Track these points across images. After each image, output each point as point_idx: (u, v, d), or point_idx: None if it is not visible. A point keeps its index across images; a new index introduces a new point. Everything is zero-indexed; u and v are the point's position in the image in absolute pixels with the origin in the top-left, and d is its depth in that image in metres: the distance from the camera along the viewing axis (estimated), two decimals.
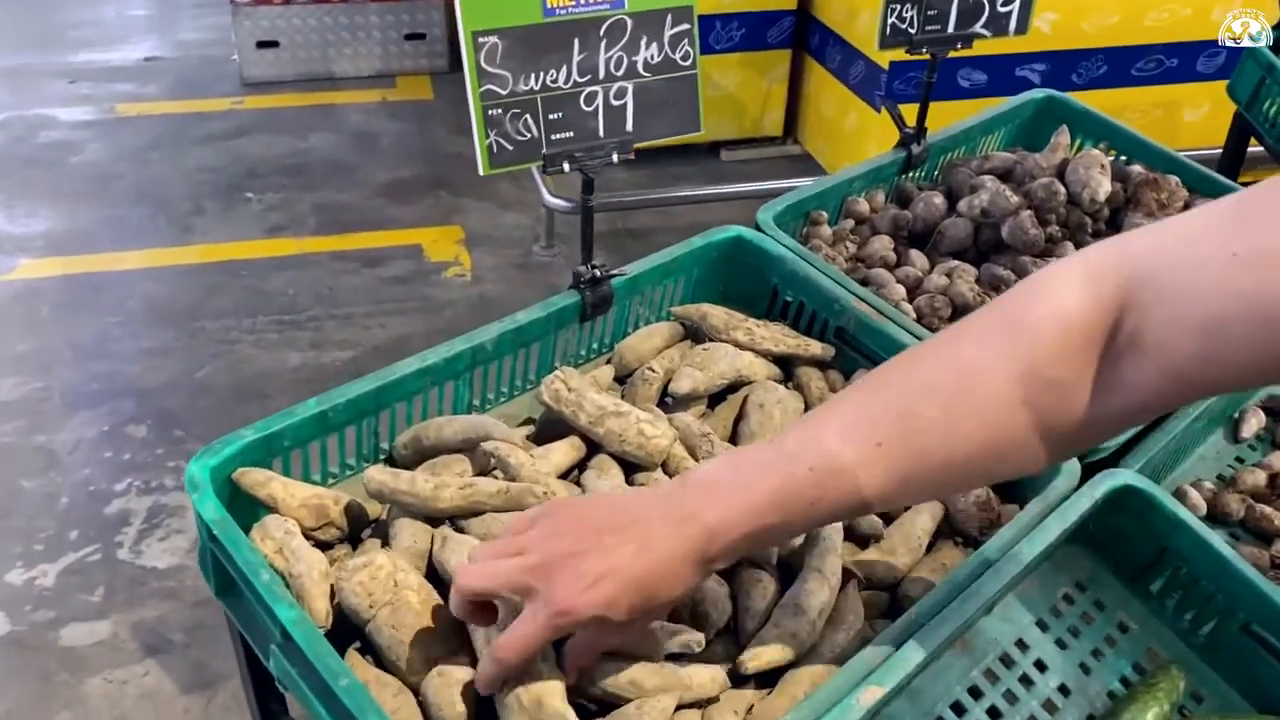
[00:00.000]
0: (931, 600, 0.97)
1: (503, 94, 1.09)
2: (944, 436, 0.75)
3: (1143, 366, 0.69)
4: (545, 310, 1.21)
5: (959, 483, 0.86)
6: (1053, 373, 0.72)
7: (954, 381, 0.75)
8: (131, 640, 2.12)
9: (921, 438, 0.75)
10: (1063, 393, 0.72)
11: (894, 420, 0.76)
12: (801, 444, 0.78)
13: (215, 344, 2.91)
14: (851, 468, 0.76)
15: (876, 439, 0.76)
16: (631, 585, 0.77)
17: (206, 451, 0.98)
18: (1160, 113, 3.64)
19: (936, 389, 0.76)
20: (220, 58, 4.50)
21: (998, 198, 1.46)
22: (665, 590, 0.79)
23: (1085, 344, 0.71)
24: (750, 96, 3.86)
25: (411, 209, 3.57)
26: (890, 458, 0.76)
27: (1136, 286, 0.69)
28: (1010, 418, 0.73)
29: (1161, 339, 0.68)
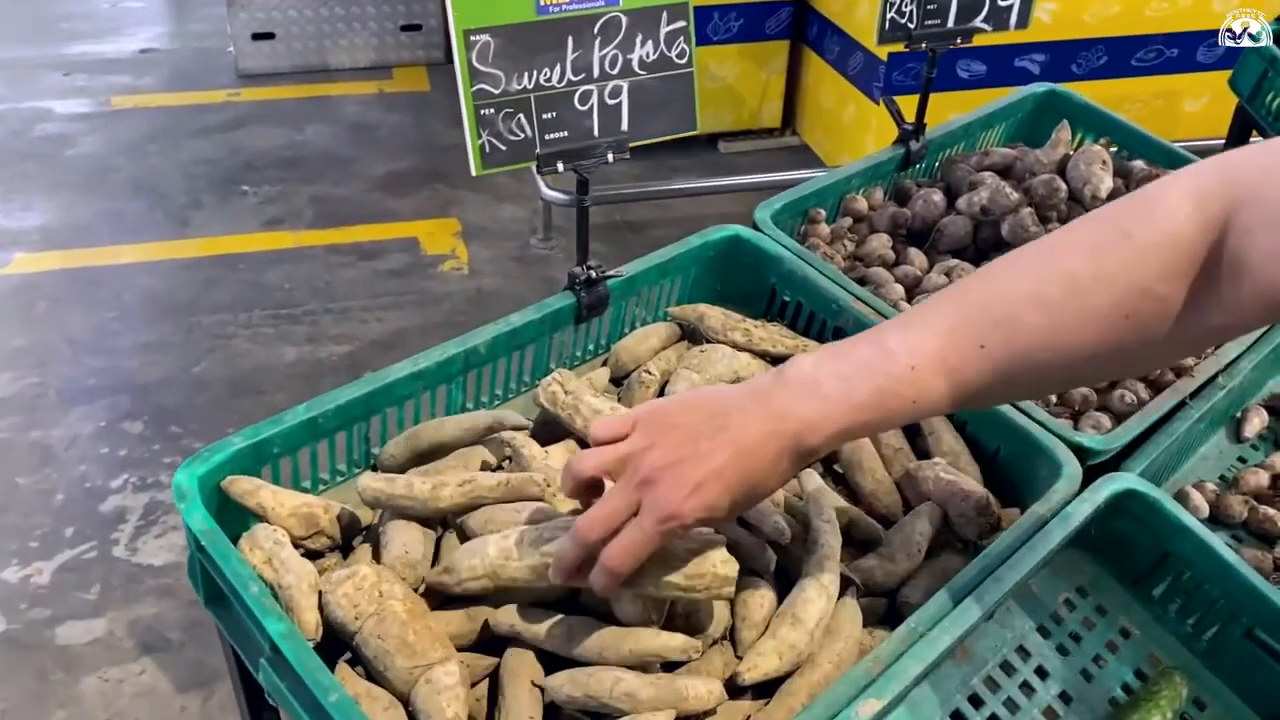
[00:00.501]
0: (931, 609, 0.95)
1: (495, 93, 1.07)
2: (1048, 342, 0.77)
3: (1242, 289, 0.71)
4: (540, 312, 1.19)
5: (1059, 384, 0.95)
6: (1161, 289, 0.74)
7: (1061, 291, 0.76)
8: (128, 638, 2.11)
9: (1026, 342, 0.77)
10: (1167, 308, 0.74)
11: (998, 324, 0.78)
12: (903, 343, 0.80)
13: (211, 338, 2.89)
14: (955, 368, 0.79)
15: (980, 341, 0.78)
16: (732, 486, 0.80)
17: (194, 459, 0.96)
18: (1161, 103, 3.62)
19: (1042, 297, 0.77)
20: (216, 49, 4.48)
21: (997, 195, 1.44)
22: (764, 485, 0.82)
23: (1191, 263, 0.73)
24: (748, 88, 3.84)
25: (408, 201, 3.56)
26: (993, 360, 0.78)
27: (1243, 209, 0.71)
28: (1115, 329, 0.75)
29: (1261, 264, 0.70)
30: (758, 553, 1.00)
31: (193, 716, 1.98)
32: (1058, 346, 0.77)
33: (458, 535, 1.01)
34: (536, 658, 0.93)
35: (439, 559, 1.00)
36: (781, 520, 1.00)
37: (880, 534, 1.10)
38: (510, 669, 0.92)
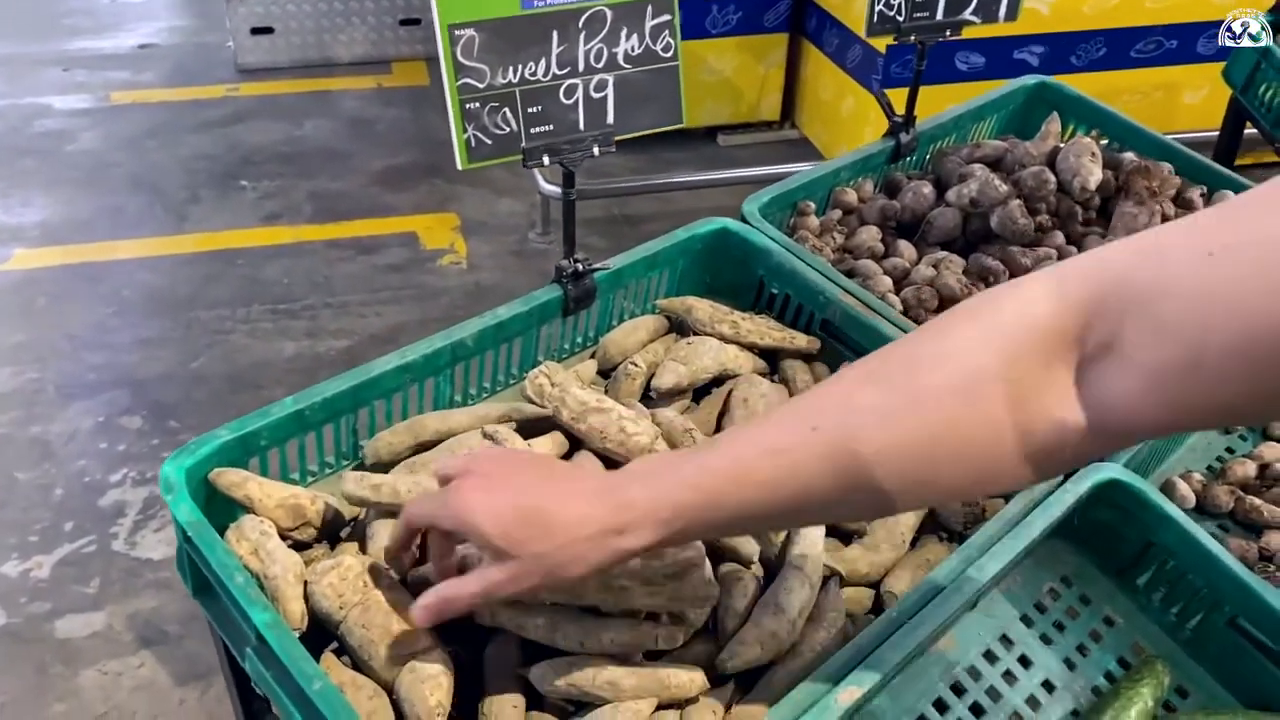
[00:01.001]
0: (913, 598, 0.96)
1: (480, 87, 1.08)
2: (882, 421, 0.69)
3: (1123, 376, 0.63)
4: (527, 305, 1.20)
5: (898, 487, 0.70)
6: (1013, 371, 0.65)
7: (901, 369, 0.70)
8: (126, 632, 2.12)
9: (859, 420, 0.69)
10: (1026, 395, 0.65)
11: (833, 405, 0.72)
12: (735, 431, 0.80)
13: (210, 334, 2.90)
14: (784, 449, 0.71)
15: (812, 424, 0.71)
16: (527, 510, 0.77)
17: (182, 452, 0.97)
18: (1160, 94, 3.61)
19: (881, 376, 0.71)
20: (215, 44, 4.48)
21: (987, 187, 1.44)
22: (561, 538, 0.76)
23: (1050, 345, 0.65)
24: (747, 81, 3.83)
25: (407, 196, 3.56)
26: (827, 442, 0.70)
27: (1109, 292, 0.63)
28: (963, 412, 0.67)
29: (1138, 345, 0.62)
30: (741, 543, 1.01)
31: (191, 709, 1.99)
32: (892, 427, 0.68)
33: None
34: (519, 647, 0.94)
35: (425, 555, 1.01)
36: None
37: (864, 525, 1.11)
38: (494, 659, 0.93)
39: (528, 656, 0.93)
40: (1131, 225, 1.42)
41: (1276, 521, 1.27)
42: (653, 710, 0.88)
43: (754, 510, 0.73)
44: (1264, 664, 1.06)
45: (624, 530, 0.75)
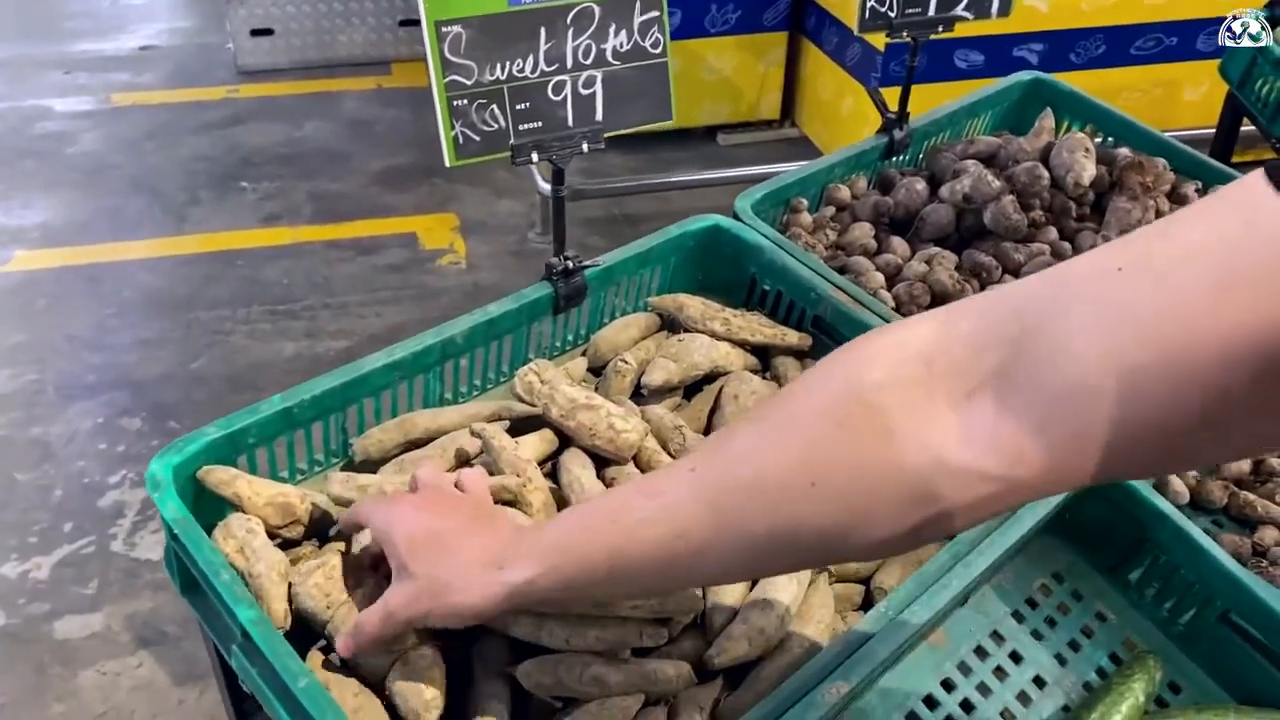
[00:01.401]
0: (901, 594, 0.96)
1: (468, 84, 1.08)
2: (749, 452, 0.65)
3: (1015, 408, 0.55)
4: (517, 302, 1.20)
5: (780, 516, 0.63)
6: (887, 398, 0.59)
7: (779, 400, 0.68)
8: (125, 632, 2.12)
9: (730, 455, 0.66)
10: (900, 424, 0.58)
11: (715, 444, 0.72)
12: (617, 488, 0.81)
13: (210, 334, 2.90)
14: (660, 490, 0.69)
15: (692, 465, 0.68)
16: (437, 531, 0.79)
17: (169, 449, 0.97)
18: (1160, 92, 3.60)
19: (763, 409, 0.68)
20: (216, 46, 4.48)
21: (980, 183, 1.44)
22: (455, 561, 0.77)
23: (932, 375, 0.58)
24: (746, 80, 3.83)
25: (406, 197, 3.56)
26: (704, 481, 0.67)
27: (1003, 322, 0.57)
28: (829, 432, 0.61)
29: (1031, 373, 0.54)
30: None
31: (189, 709, 2.00)
32: (759, 455, 0.64)
33: None
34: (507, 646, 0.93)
35: None
36: None
37: None
38: (481, 657, 0.93)
39: (515, 655, 0.93)
40: (1125, 220, 1.42)
41: (1270, 517, 1.27)
42: (640, 706, 0.88)
43: (632, 553, 0.69)
44: (1256, 659, 1.05)
45: (504, 564, 0.74)
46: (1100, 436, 0.53)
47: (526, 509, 1.00)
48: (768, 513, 0.63)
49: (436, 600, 0.77)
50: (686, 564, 0.67)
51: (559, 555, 0.73)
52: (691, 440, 1.10)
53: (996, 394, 0.56)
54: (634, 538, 0.69)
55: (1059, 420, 0.54)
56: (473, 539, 0.78)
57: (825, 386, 0.63)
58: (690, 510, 0.66)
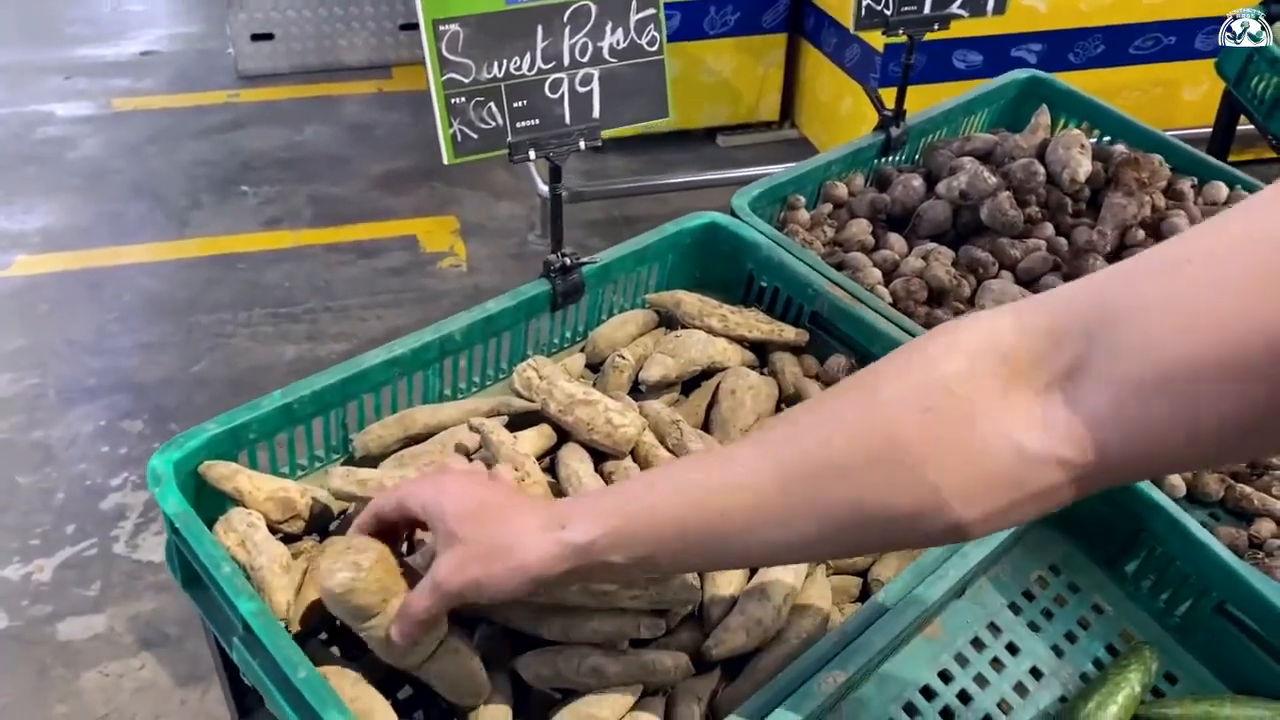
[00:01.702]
0: (898, 585, 0.97)
1: (465, 82, 1.09)
2: (834, 433, 0.65)
3: (1089, 399, 0.57)
4: (515, 299, 1.21)
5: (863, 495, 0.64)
6: (971, 388, 0.61)
7: (862, 385, 0.68)
8: (127, 634, 2.13)
9: (806, 432, 0.67)
10: (983, 414, 0.60)
11: (782, 423, 0.71)
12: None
13: (211, 338, 2.91)
14: (733, 456, 0.70)
15: (760, 440, 0.70)
16: (487, 500, 0.77)
17: (170, 445, 0.98)
18: (1160, 91, 3.61)
19: (842, 391, 0.69)
20: (216, 51, 4.50)
21: (976, 179, 1.44)
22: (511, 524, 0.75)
23: (1010, 368, 0.60)
24: (746, 81, 3.84)
25: (407, 200, 3.57)
26: (778, 458, 0.67)
27: (1075, 316, 0.59)
28: (915, 418, 0.62)
29: (1103, 364, 0.57)
30: None
31: (192, 709, 2.00)
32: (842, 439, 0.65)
33: None
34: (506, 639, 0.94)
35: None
36: None
37: None
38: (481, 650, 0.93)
39: (515, 647, 0.93)
40: (1120, 216, 1.43)
41: (1267, 509, 1.27)
42: (638, 697, 0.89)
43: (701, 523, 0.69)
44: (1252, 649, 1.06)
45: (565, 524, 0.73)
46: (1172, 428, 0.55)
47: None
48: (848, 492, 0.64)
49: (492, 563, 0.74)
50: (759, 536, 0.68)
51: (622, 519, 0.72)
52: (689, 434, 1.11)
53: (1073, 386, 0.58)
54: (704, 507, 0.69)
55: (1132, 412, 0.56)
56: (524, 505, 0.77)
57: (904, 375, 0.64)
58: (765, 484, 0.67)
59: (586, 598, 0.89)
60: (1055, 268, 1.41)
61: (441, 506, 0.77)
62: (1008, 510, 0.62)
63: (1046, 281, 1.39)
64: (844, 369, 1.26)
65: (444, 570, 0.76)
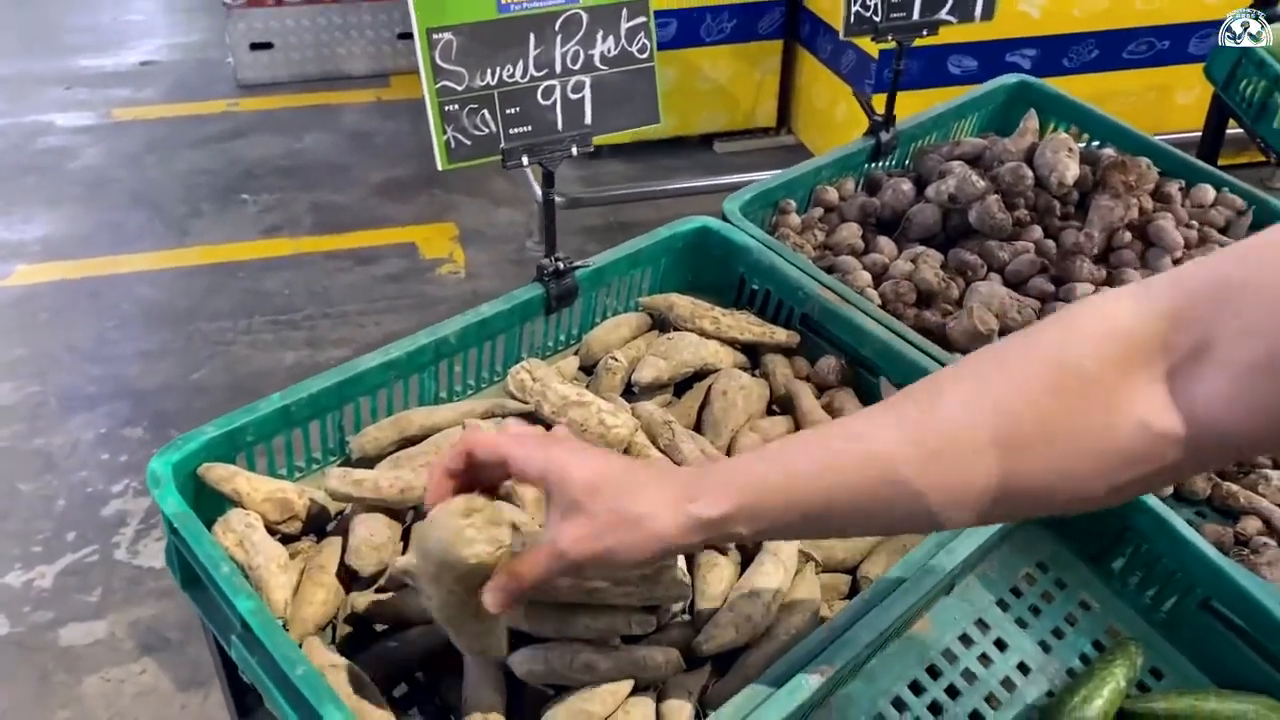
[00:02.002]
0: (885, 582, 0.98)
1: (459, 90, 1.11)
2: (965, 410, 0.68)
3: (1210, 379, 0.60)
4: (509, 303, 1.22)
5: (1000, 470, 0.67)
6: (1098, 369, 0.64)
7: (990, 360, 0.70)
8: (129, 639, 2.14)
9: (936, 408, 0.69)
10: (1110, 395, 0.63)
11: (921, 389, 0.72)
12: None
13: (211, 345, 2.93)
14: (862, 433, 0.72)
15: (890, 415, 0.71)
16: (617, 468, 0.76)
17: (169, 447, 1.00)
18: (1153, 95, 3.63)
19: (969, 374, 0.71)
20: (216, 60, 4.53)
21: (965, 183, 1.46)
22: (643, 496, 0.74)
23: (1134, 350, 0.63)
24: (742, 88, 3.86)
25: (406, 207, 3.59)
26: (909, 434, 0.69)
27: (1198, 297, 0.61)
28: (1049, 401, 0.65)
29: (1223, 346, 0.59)
30: None
31: (193, 714, 2.01)
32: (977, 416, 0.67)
33: None
34: None
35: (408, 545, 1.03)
36: None
37: None
38: None
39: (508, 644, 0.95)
40: (1108, 218, 1.44)
41: (1254, 507, 1.29)
42: (629, 692, 0.90)
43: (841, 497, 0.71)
44: (1236, 645, 1.07)
45: (695, 499, 0.73)
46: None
47: (519, 503, 1.02)
48: (987, 469, 0.67)
49: (625, 533, 0.73)
50: (902, 511, 0.70)
51: (755, 496, 0.73)
52: (681, 435, 1.12)
53: (1194, 366, 0.61)
54: (838, 487, 0.71)
55: (1248, 393, 0.58)
56: (650, 477, 0.76)
57: (1033, 356, 0.67)
58: (900, 457, 0.68)
59: (579, 595, 0.90)
60: (1043, 270, 1.43)
61: (568, 475, 0.75)
62: (1131, 485, 0.65)
63: (1034, 284, 1.41)
64: (834, 370, 1.27)
65: (569, 539, 0.74)
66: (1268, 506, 1.29)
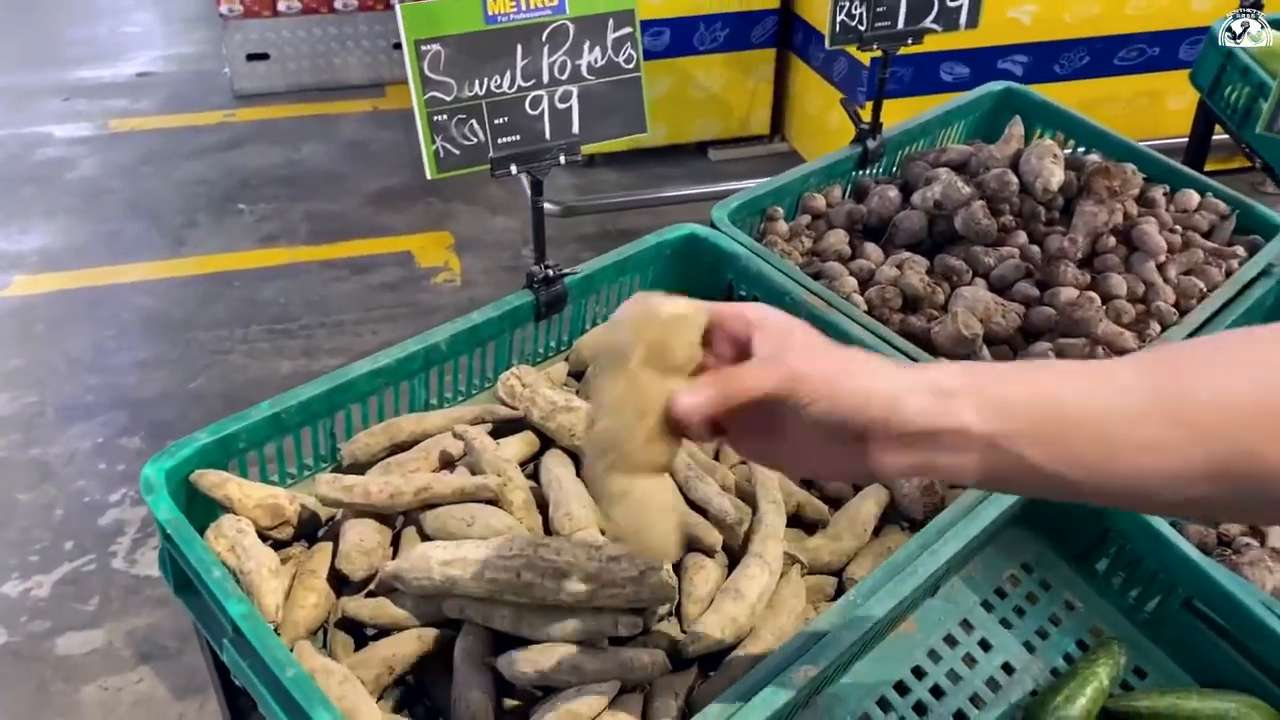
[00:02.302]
0: (870, 583, 0.99)
1: (447, 100, 1.12)
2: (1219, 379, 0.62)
3: None
4: (499, 310, 1.24)
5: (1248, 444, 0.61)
6: None
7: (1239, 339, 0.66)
8: (125, 648, 2.15)
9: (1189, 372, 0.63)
10: None
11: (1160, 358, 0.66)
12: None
13: (208, 354, 2.94)
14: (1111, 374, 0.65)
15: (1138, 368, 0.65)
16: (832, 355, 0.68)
17: (162, 454, 1.01)
18: (1145, 101, 3.65)
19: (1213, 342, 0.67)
20: (212, 71, 4.55)
21: (950, 189, 1.48)
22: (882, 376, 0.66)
23: None
24: (736, 96, 3.88)
25: (402, 216, 3.61)
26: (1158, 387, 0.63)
27: None
28: None
29: None
30: (704, 533, 1.04)
31: None
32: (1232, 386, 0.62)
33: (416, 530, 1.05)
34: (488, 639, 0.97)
35: (397, 550, 1.05)
36: (727, 502, 1.05)
37: (827, 515, 1.14)
38: (464, 649, 0.96)
39: (496, 647, 0.96)
40: (1092, 224, 1.46)
41: None
42: (616, 693, 0.91)
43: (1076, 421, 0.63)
44: (1218, 644, 1.09)
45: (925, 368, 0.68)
46: None
47: (507, 507, 1.03)
48: (1231, 437, 0.61)
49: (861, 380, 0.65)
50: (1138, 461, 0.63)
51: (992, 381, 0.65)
52: None
53: None
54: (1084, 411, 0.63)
55: None
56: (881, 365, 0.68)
57: None
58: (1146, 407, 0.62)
59: (565, 596, 0.92)
60: (1028, 275, 1.44)
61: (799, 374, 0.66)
62: None
63: (1019, 289, 1.43)
64: None
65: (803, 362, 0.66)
66: None
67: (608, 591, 0.92)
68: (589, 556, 0.92)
